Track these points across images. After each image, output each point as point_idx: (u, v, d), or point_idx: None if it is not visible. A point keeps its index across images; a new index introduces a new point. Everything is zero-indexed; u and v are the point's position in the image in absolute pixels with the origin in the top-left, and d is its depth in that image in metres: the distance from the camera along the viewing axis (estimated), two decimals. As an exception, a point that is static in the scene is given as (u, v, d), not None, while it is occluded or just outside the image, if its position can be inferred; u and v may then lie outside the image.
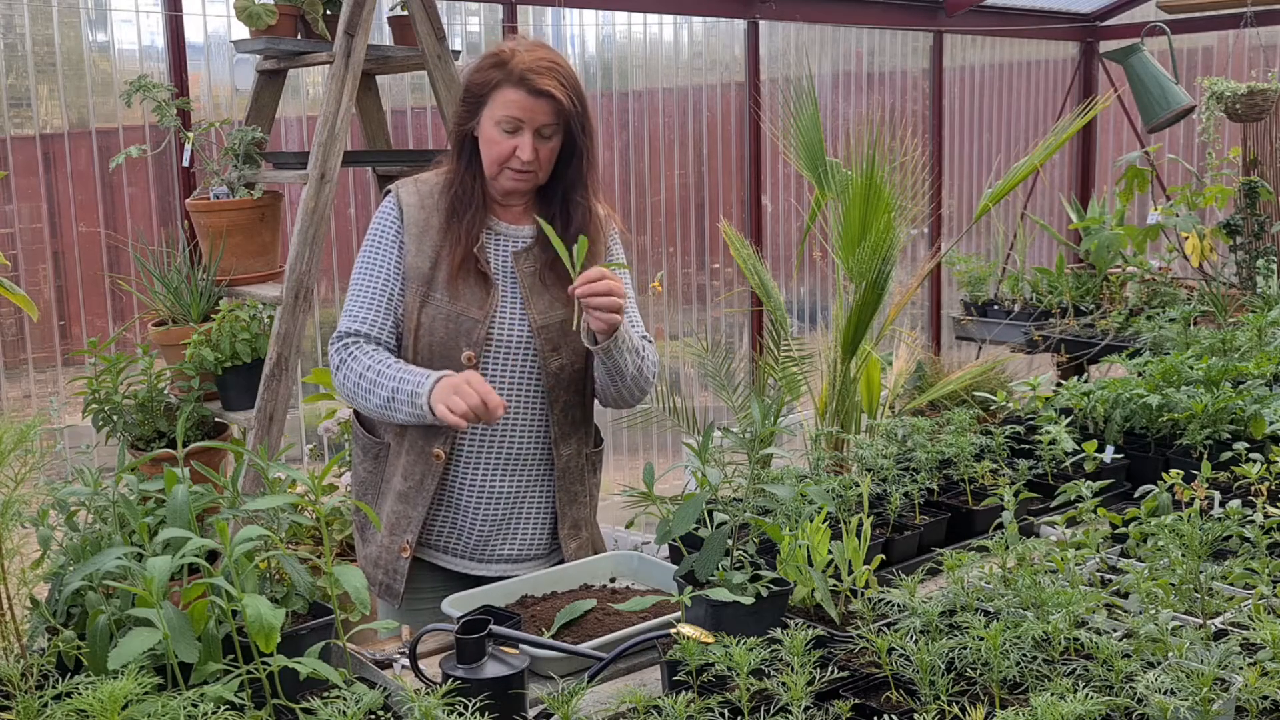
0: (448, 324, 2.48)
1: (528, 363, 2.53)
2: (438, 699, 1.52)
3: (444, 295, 2.49)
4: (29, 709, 1.52)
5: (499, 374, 2.52)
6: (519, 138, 2.43)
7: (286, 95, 3.98)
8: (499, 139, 2.44)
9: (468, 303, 2.48)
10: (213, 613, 1.66)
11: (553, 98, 2.41)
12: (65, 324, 4.53)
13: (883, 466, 2.59)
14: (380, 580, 2.60)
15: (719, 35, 6.58)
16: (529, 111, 2.42)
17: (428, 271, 2.50)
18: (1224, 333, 3.87)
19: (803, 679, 1.61)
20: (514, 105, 2.42)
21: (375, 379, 2.43)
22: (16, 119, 4.35)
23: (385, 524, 2.56)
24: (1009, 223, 7.64)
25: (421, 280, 2.50)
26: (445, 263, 2.49)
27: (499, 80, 2.43)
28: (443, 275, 2.49)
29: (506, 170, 2.47)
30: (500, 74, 2.43)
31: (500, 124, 2.43)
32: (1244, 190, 5.60)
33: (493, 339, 2.50)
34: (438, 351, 2.49)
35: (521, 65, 2.41)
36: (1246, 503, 2.30)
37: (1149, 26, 5.98)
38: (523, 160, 2.44)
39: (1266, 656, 1.66)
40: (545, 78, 2.41)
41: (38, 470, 1.73)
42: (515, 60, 2.42)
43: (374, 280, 2.52)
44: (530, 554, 2.62)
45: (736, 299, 6.67)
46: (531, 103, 2.41)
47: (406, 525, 2.55)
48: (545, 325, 2.52)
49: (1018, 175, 4.38)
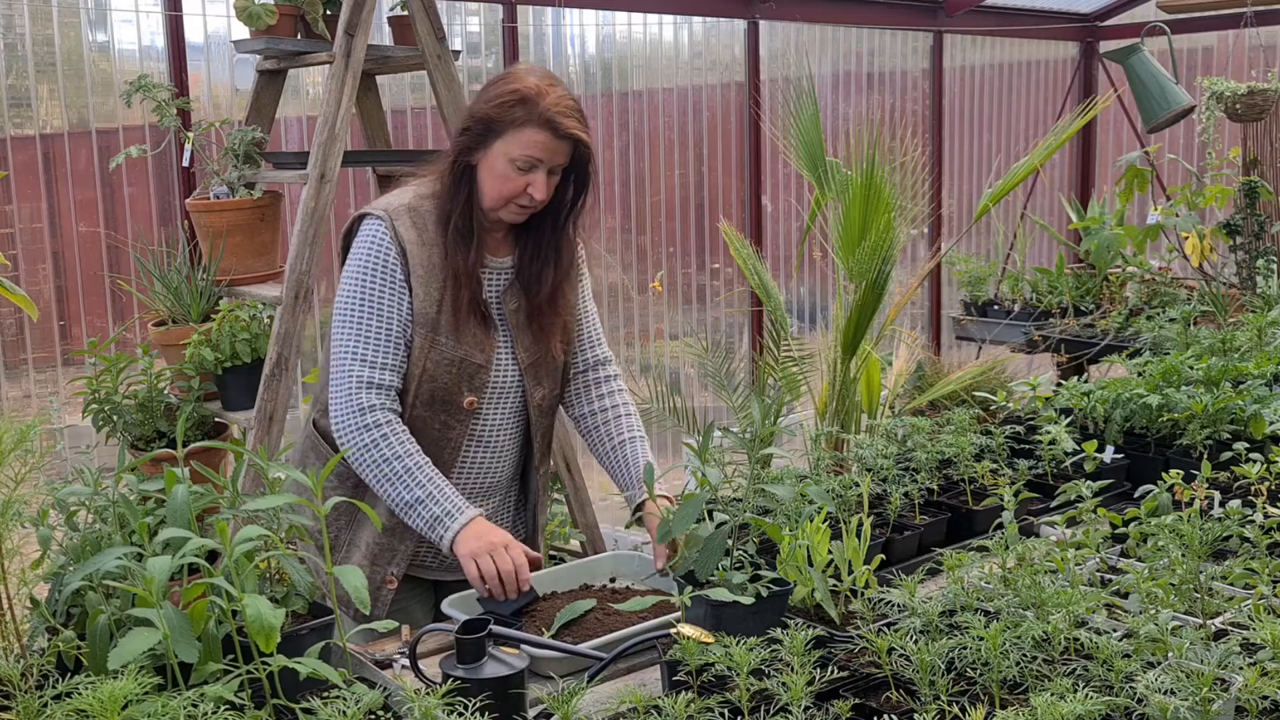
0: (451, 368, 2.41)
1: (517, 399, 2.53)
2: (438, 699, 1.52)
3: (448, 339, 2.41)
4: (29, 709, 1.52)
5: (492, 413, 2.50)
6: (533, 175, 2.35)
7: (286, 95, 3.97)
8: (511, 175, 2.35)
9: (471, 346, 2.42)
10: (213, 613, 1.66)
11: (575, 141, 2.36)
12: (65, 324, 4.53)
13: (883, 466, 2.59)
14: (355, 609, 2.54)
15: (719, 35, 6.57)
16: (550, 153, 2.35)
17: (433, 315, 2.39)
18: (1224, 333, 3.87)
19: (803, 679, 1.61)
20: (537, 146, 2.33)
21: (403, 478, 2.32)
22: (16, 119, 4.34)
23: (365, 553, 2.49)
24: (1009, 223, 7.64)
25: (428, 325, 2.39)
26: (449, 305, 2.40)
27: (522, 119, 2.32)
28: (447, 318, 2.40)
29: (511, 205, 2.39)
30: (524, 112, 2.32)
31: (516, 161, 2.34)
32: (1244, 190, 5.60)
33: (489, 381, 2.47)
34: (439, 396, 2.43)
35: (549, 107, 2.33)
36: (1246, 503, 2.30)
37: (1149, 26, 5.98)
38: (536, 200, 2.37)
39: (1266, 656, 1.66)
40: (570, 120, 2.34)
41: (38, 470, 1.73)
42: (543, 101, 2.33)
43: (385, 320, 2.37)
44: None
45: (736, 299, 6.66)
46: (555, 145, 2.34)
47: (391, 558, 2.49)
48: (532, 363, 2.51)
49: (1018, 175, 4.38)
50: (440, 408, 2.43)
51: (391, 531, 2.46)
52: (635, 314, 6.28)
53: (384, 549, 2.48)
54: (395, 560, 2.49)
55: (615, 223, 6.15)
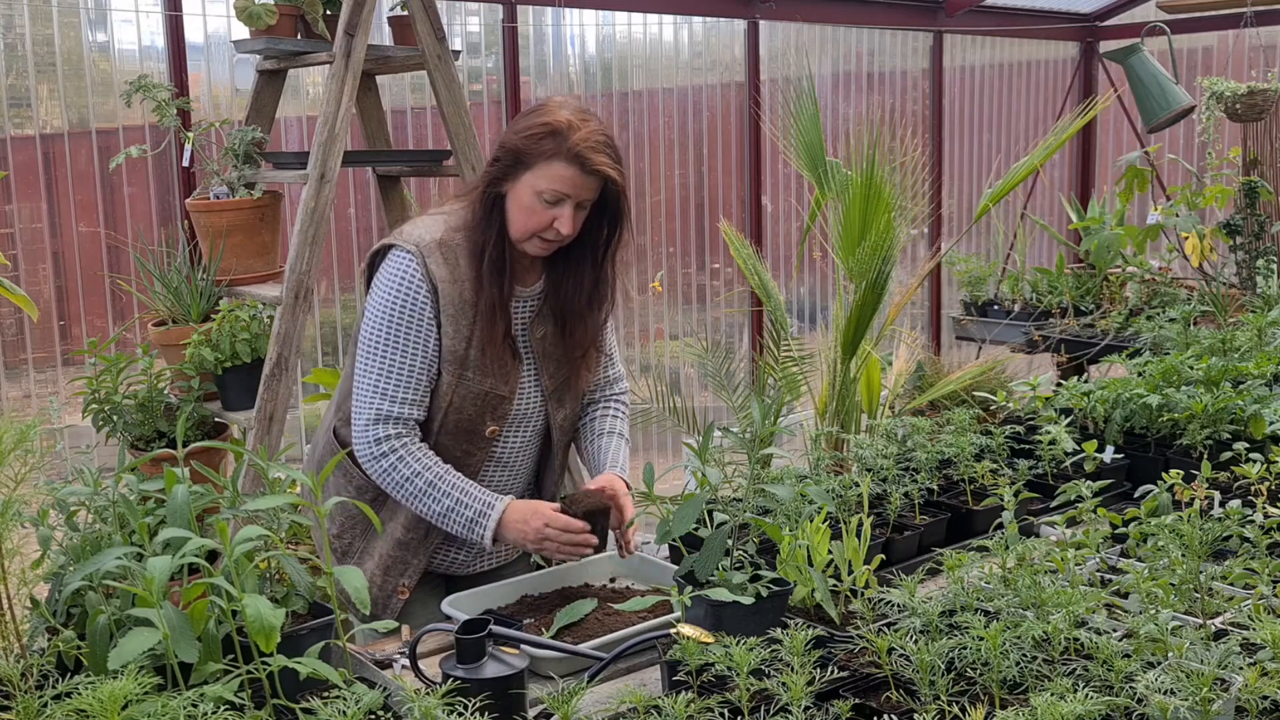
0: (476, 401, 2.43)
1: (539, 422, 2.54)
2: (438, 699, 1.52)
3: (476, 374, 2.41)
4: (29, 709, 1.52)
5: (514, 437, 2.52)
6: (560, 209, 2.32)
7: (286, 95, 3.97)
8: (537, 209, 2.32)
9: (497, 379, 2.43)
10: (213, 613, 1.66)
11: (604, 176, 2.33)
12: (65, 324, 4.53)
13: (883, 466, 2.59)
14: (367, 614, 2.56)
15: (719, 35, 6.57)
16: (578, 188, 2.32)
17: (463, 352, 2.39)
18: (1224, 333, 3.87)
19: (803, 679, 1.61)
20: (565, 181, 2.30)
21: (431, 491, 2.36)
22: (16, 119, 4.34)
23: (379, 563, 2.51)
24: (1009, 223, 7.64)
25: (457, 361, 2.39)
26: (479, 340, 2.39)
27: (551, 152, 2.29)
28: (475, 354, 2.40)
29: (536, 239, 2.36)
30: (553, 145, 2.29)
31: (542, 194, 2.31)
32: (1244, 190, 5.60)
33: (511, 411, 2.48)
34: (463, 427, 2.45)
35: (579, 142, 2.29)
36: (1246, 503, 2.31)
37: (1149, 26, 5.98)
38: (562, 234, 2.35)
39: (1266, 656, 1.66)
40: (600, 155, 2.31)
41: (38, 470, 1.73)
42: (573, 135, 2.29)
43: (411, 359, 2.37)
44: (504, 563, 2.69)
45: (736, 299, 6.66)
46: (583, 180, 2.31)
47: (404, 570, 2.51)
48: (556, 388, 2.53)
49: (1018, 175, 4.38)
50: (464, 437, 2.46)
51: (405, 545, 2.49)
52: (635, 314, 6.28)
53: (397, 560, 2.51)
54: (408, 572, 2.51)
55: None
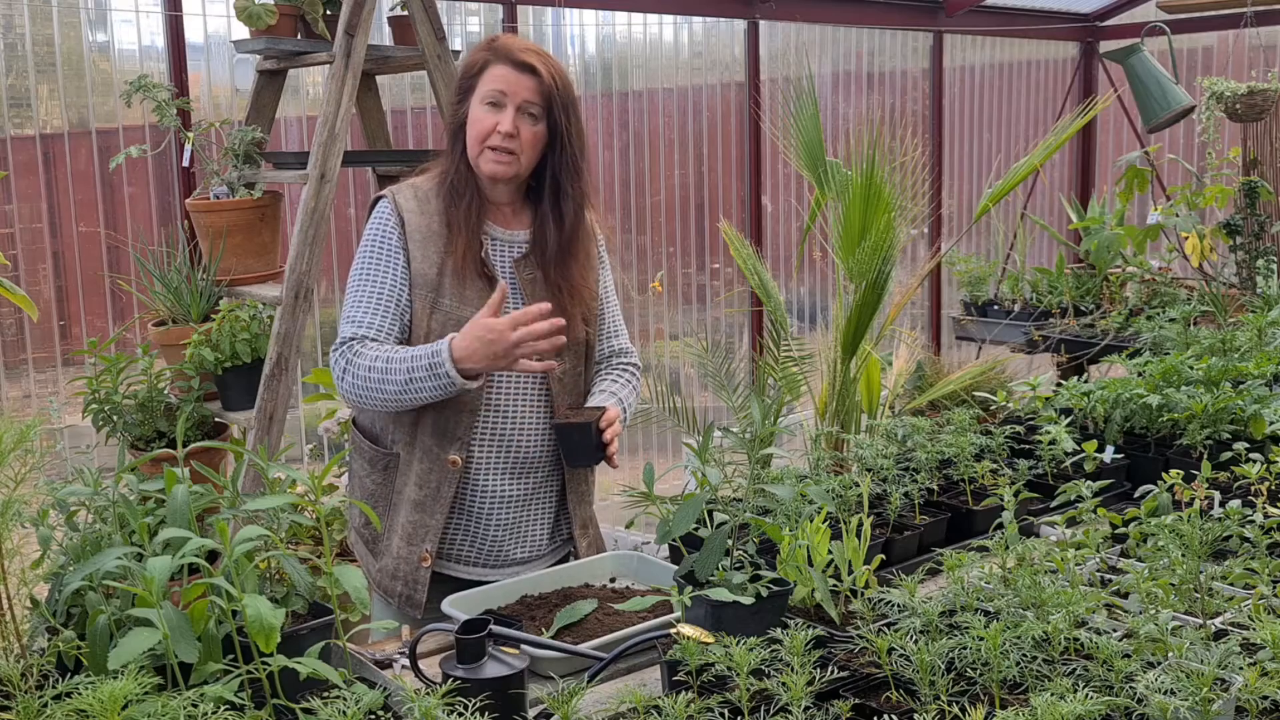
0: (454, 329, 2.45)
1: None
2: (438, 699, 1.52)
3: (452, 300, 2.49)
4: (29, 709, 1.52)
5: (506, 380, 2.53)
6: (501, 113, 2.46)
7: (286, 95, 3.97)
8: (482, 116, 2.47)
9: (475, 307, 2.46)
10: (213, 613, 1.66)
11: (535, 72, 2.46)
12: (65, 324, 4.53)
13: (883, 466, 2.59)
14: (400, 592, 2.55)
15: (719, 35, 6.57)
16: (512, 85, 2.46)
17: (434, 278, 2.49)
18: (1224, 333, 3.87)
19: (803, 679, 1.61)
20: (499, 79, 2.47)
21: (386, 366, 2.40)
22: (16, 119, 4.35)
23: (401, 534, 2.54)
24: (1009, 223, 7.64)
25: (429, 287, 2.49)
26: (450, 263, 2.49)
27: (487, 60, 2.50)
28: (449, 279, 2.49)
29: (487, 150, 2.48)
30: (488, 54, 2.50)
31: (485, 99, 2.47)
32: (1244, 190, 5.60)
33: None
34: None
35: (509, 43, 2.51)
36: (1246, 503, 2.30)
37: (1149, 26, 5.98)
38: (503, 132, 2.45)
39: (1266, 656, 1.66)
40: (529, 54, 2.48)
41: (38, 470, 1.73)
42: (501, 41, 2.52)
43: (377, 285, 2.49)
44: (538, 555, 2.67)
45: (736, 299, 6.67)
46: (515, 77, 2.46)
47: (425, 534, 2.54)
48: None
49: (1018, 175, 4.37)
50: None
51: (421, 505, 2.53)
52: (635, 314, 6.28)
53: (417, 526, 2.54)
54: (428, 537, 2.54)
55: (615, 223, 6.14)
